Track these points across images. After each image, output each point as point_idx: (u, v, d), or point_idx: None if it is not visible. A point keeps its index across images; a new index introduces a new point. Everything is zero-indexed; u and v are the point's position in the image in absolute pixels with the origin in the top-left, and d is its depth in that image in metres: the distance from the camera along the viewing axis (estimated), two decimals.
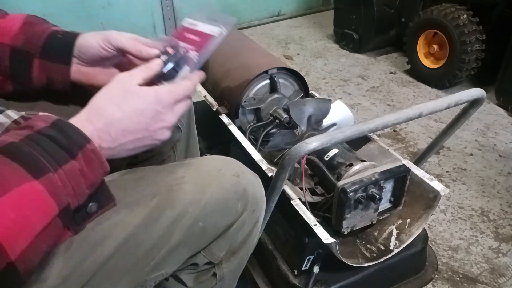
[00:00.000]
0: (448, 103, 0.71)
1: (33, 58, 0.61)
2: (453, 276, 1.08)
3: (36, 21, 0.64)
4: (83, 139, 0.43)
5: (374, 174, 0.78)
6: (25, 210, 0.37)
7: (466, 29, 1.77)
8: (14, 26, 0.62)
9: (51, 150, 0.41)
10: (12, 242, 0.36)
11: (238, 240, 0.61)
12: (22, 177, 0.38)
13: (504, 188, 1.37)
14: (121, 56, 0.64)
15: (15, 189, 0.37)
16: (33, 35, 0.62)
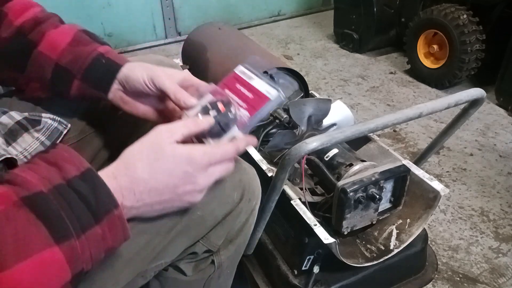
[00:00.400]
0: (448, 103, 0.71)
1: (74, 78, 0.62)
2: (453, 276, 1.08)
3: (85, 40, 0.64)
4: (111, 202, 0.42)
5: (374, 174, 0.78)
6: (41, 278, 0.37)
7: (466, 29, 1.77)
8: (63, 41, 0.63)
9: (78, 211, 0.39)
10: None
11: (236, 228, 0.62)
12: (44, 240, 0.37)
13: (504, 188, 1.37)
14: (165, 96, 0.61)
15: (36, 255, 0.36)
16: (78, 55, 0.62)
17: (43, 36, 0.63)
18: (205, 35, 1.33)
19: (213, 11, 2.71)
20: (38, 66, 0.62)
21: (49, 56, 0.62)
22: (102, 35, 2.45)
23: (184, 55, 1.38)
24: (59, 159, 0.41)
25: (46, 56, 0.62)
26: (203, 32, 1.35)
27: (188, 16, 2.64)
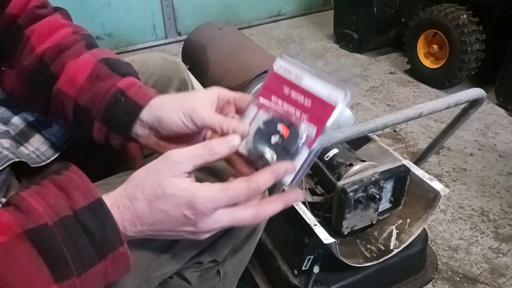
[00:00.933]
0: (448, 103, 0.71)
1: (94, 120, 0.55)
2: (453, 276, 1.08)
3: (103, 74, 0.56)
4: (117, 239, 0.40)
5: (374, 174, 0.78)
6: None
7: (466, 29, 1.77)
8: (82, 76, 0.56)
9: (82, 248, 0.38)
10: None
11: (242, 237, 0.61)
12: (45, 280, 0.36)
13: (504, 188, 1.37)
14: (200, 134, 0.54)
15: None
16: (96, 94, 0.55)
17: (63, 68, 0.57)
18: (205, 35, 1.33)
19: (213, 11, 2.71)
20: (59, 104, 0.56)
21: (68, 94, 0.56)
22: (102, 35, 2.45)
23: (184, 55, 1.38)
24: (69, 186, 0.39)
25: (66, 94, 0.56)
26: (203, 32, 1.36)
27: (188, 16, 2.64)
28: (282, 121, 0.46)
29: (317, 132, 0.45)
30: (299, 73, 0.48)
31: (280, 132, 0.45)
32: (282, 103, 0.48)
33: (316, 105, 0.46)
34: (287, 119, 0.46)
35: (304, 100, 0.47)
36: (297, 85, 0.47)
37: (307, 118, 0.46)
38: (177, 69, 0.82)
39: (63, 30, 0.59)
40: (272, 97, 0.48)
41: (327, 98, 0.46)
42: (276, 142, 0.45)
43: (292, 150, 0.45)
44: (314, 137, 0.45)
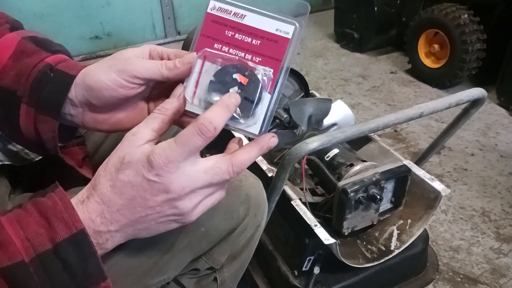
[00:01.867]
0: (449, 103, 0.70)
1: (21, 102, 0.46)
2: (454, 276, 1.08)
3: (29, 50, 0.49)
4: (99, 275, 0.37)
5: (375, 174, 0.77)
6: None
7: (467, 29, 1.76)
8: (4, 56, 0.48)
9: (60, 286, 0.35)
10: None
11: (240, 244, 0.60)
12: None
13: (505, 188, 1.36)
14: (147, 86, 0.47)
15: None
16: (21, 70, 0.47)
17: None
18: None
19: None
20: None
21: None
22: (101, 34, 2.44)
23: None
24: (52, 214, 0.36)
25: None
26: None
27: (188, 15, 2.64)
28: (238, 69, 0.42)
29: (275, 72, 0.42)
30: (239, 12, 0.43)
31: (238, 81, 0.41)
32: (228, 49, 0.43)
33: (267, 43, 0.42)
34: (242, 65, 0.42)
35: (252, 41, 0.42)
36: (240, 24, 0.42)
37: (261, 60, 0.42)
38: None
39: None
40: (214, 44, 0.43)
41: (276, 32, 0.42)
42: (236, 92, 0.41)
43: (255, 98, 0.41)
44: (274, 79, 0.42)
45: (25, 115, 0.47)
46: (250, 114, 0.42)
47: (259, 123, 0.43)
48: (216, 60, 0.43)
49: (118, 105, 0.47)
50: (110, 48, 2.48)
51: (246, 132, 0.43)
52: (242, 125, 0.43)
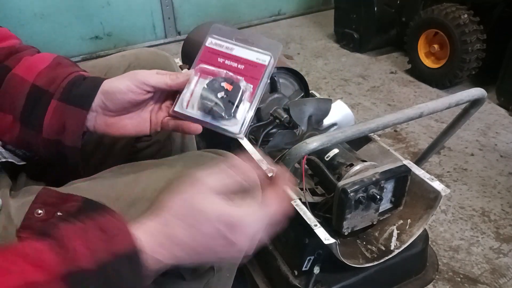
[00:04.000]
0: (449, 103, 0.70)
1: (51, 98, 0.55)
2: (454, 276, 1.08)
3: (64, 63, 0.59)
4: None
5: (375, 174, 0.77)
6: None
7: (467, 29, 1.76)
8: (41, 64, 0.57)
9: None
10: None
11: None
12: None
13: (505, 188, 1.36)
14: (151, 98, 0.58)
15: None
16: (57, 76, 0.56)
17: (19, 61, 0.57)
18: (205, 34, 1.33)
19: (213, 10, 2.70)
20: (11, 91, 0.55)
21: (24, 78, 0.55)
22: (102, 34, 2.45)
23: (184, 55, 1.38)
24: (110, 229, 0.39)
25: (22, 78, 0.55)
26: (202, 32, 1.35)
27: (188, 15, 2.64)
28: (225, 80, 0.54)
29: (254, 87, 0.55)
30: (229, 46, 0.58)
31: (225, 88, 0.54)
32: (219, 70, 0.57)
33: (249, 67, 0.56)
34: (229, 77, 0.55)
35: (238, 65, 0.57)
36: (229, 54, 0.57)
37: (243, 78, 0.56)
38: (167, 62, 0.84)
39: (14, 40, 0.61)
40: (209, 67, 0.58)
41: (256, 60, 0.56)
42: (222, 96, 0.53)
43: (236, 101, 0.53)
44: (253, 92, 0.55)
45: (53, 110, 0.54)
46: (231, 113, 0.53)
47: (239, 124, 0.54)
48: (208, 76, 0.56)
49: (127, 109, 0.57)
50: (110, 48, 2.48)
51: (227, 132, 0.54)
52: (224, 125, 0.55)
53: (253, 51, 0.57)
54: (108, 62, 0.80)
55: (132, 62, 0.79)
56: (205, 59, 0.58)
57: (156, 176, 0.57)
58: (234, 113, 0.53)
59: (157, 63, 0.81)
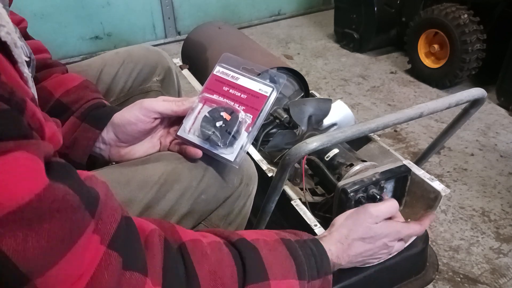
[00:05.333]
0: (449, 103, 0.70)
1: (72, 115, 0.61)
2: (454, 276, 1.08)
3: (91, 88, 0.66)
4: (328, 269, 0.55)
5: (375, 174, 0.77)
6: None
7: (467, 29, 1.76)
8: (71, 84, 0.63)
9: (311, 263, 0.53)
10: None
11: (235, 211, 0.66)
12: (293, 273, 0.50)
13: (505, 188, 1.36)
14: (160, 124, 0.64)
15: (289, 280, 0.49)
16: (82, 97, 0.62)
17: (50, 76, 0.63)
18: (205, 34, 1.33)
19: (213, 10, 2.70)
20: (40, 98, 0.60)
21: (52, 92, 0.61)
22: (102, 34, 2.45)
23: (184, 55, 1.38)
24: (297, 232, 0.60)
25: (49, 92, 0.61)
26: (202, 32, 1.35)
27: (188, 15, 2.64)
28: (225, 110, 0.57)
29: (253, 118, 0.58)
30: (235, 75, 0.61)
31: (223, 117, 0.56)
32: (223, 98, 0.60)
33: (251, 98, 0.59)
34: (229, 108, 0.57)
35: (241, 95, 0.59)
36: (234, 84, 0.60)
37: (244, 109, 0.59)
38: (160, 57, 0.87)
39: (45, 54, 0.67)
40: (214, 95, 0.60)
41: (258, 91, 0.59)
42: (220, 125, 0.56)
43: (233, 131, 0.56)
44: (251, 122, 0.58)
45: (70, 125, 0.61)
46: (227, 142, 0.56)
47: (235, 153, 0.58)
48: (211, 105, 0.59)
49: (138, 138, 0.63)
50: (110, 48, 2.48)
51: (223, 158, 0.58)
52: (221, 153, 0.58)
53: (257, 82, 0.60)
54: (103, 60, 0.83)
55: (126, 59, 0.82)
56: (211, 87, 0.61)
57: (162, 161, 0.61)
58: (230, 143, 0.56)
59: (149, 59, 0.85)
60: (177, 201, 0.59)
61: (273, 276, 0.48)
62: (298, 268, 0.50)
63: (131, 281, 0.37)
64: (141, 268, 0.39)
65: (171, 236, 0.45)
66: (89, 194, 0.37)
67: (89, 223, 0.35)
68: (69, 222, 0.33)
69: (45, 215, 0.31)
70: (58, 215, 0.32)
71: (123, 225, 0.39)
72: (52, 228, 0.32)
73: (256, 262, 0.48)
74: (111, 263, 0.36)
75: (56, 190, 0.33)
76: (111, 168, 0.62)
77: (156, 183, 0.58)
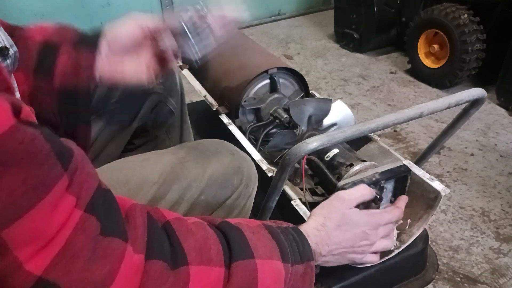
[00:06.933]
0: (449, 103, 0.70)
1: (62, 46, 0.60)
2: (454, 276, 1.08)
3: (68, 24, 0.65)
4: (311, 255, 0.54)
5: (375, 174, 0.77)
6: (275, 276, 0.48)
7: (466, 29, 1.76)
8: (49, 27, 0.62)
9: (293, 248, 0.52)
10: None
11: (234, 212, 0.66)
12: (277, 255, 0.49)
13: (505, 188, 1.36)
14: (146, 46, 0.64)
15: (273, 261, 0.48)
16: (66, 31, 0.62)
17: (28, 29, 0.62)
18: None
19: None
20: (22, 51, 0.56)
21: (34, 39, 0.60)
22: None
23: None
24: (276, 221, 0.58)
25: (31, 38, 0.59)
26: None
27: None
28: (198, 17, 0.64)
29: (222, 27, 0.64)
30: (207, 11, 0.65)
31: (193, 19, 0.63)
32: None
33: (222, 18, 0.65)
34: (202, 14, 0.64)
35: None
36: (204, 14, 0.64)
37: None
38: None
39: None
40: None
41: None
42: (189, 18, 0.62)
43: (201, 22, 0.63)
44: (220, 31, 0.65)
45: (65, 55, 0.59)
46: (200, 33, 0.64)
47: None
48: None
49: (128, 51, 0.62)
50: None
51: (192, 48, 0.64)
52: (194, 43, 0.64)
53: None
54: None
55: None
56: None
57: (161, 161, 0.61)
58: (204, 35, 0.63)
59: None
60: (176, 202, 0.59)
61: (258, 255, 0.47)
62: (281, 252, 0.50)
63: (110, 245, 0.35)
64: (121, 234, 0.37)
65: (154, 214, 0.44)
66: (62, 147, 0.34)
67: (61, 176, 0.33)
68: (37, 170, 0.31)
69: (9, 157, 0.29)
70: (24, 160, 0.30)
71: (101, 192, 0.37)
72: (17, 173, 0.30)
73: (241, 241, 0.48)
74: (88, 227, 0.34)
75: (24, 132, 0.30)
76: (109, 167, 0.62)
77: (156, 183, 0.58)
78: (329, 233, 0.59)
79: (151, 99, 0.85)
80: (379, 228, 0.65)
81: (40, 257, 0.32)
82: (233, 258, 0.46)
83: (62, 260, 0.32)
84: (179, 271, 0.40)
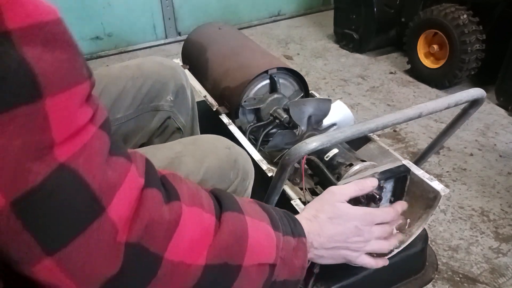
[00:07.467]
0: (448, 103, 0.71)
1: None
2: (453, 276, 1.08)
3: None
4: (302, 232, 0.55)
5: (374, 174, 0.78)
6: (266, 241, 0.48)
7: (466, 29, 1.77)
8: None
9: (284, 222, 0.53)
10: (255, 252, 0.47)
11: None
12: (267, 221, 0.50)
13: (504, 188, 1.37)
14: None
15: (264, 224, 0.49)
16: None
17: None
18: (205, 35, 1.33)
19: (213, 11, 2.71)
20: None
21: None
22: (102, 35, 2.45)
23: (184, 55, 1.38)
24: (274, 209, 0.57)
25: None
26: (203, 32, 1.35)
27: (188, 16, 2.64)
28: None
29: None
30: None
31: None
32: None
33: None
34: None
35: None
36: None
37: None
38: (174, 73, 0.83)
39: None
40: None
41: None
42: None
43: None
44: None
45: None
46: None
47: None
48: None
49: None
50: (111, 49, 2.49)
51: None
52: None
53: None
54: (108, 72, 0.80)
55: (135, 73, 0.79)
56: None
57: (158, 156, 0.61)
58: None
59: (161, 75, 0.81)
60: None
61: (248, 213, 0.48)
62: (272, 221, 0.51)
63: (118, 160, 0.37)
64: (126, 156, 0.39)
65: None
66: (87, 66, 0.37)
67: (86, 80, 0.36)
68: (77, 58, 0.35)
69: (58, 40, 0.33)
70: (70, 47, 0.34)
71: (109, 122, 0.39)
72: (65, 53, 0.33)
73: (231, 200, 0.49)
74: (101, 140, 0.36)
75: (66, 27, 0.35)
76: None
77: None
78: (321, 224, 0.58)
79: (159, 116, 0.84)
80: (373, 226, 0.64)
81: (69, 144, 0.33)
82: (223, 209, 0.46)
83: (84, 153, 0.34)
84: (172, 204, 0.41)
